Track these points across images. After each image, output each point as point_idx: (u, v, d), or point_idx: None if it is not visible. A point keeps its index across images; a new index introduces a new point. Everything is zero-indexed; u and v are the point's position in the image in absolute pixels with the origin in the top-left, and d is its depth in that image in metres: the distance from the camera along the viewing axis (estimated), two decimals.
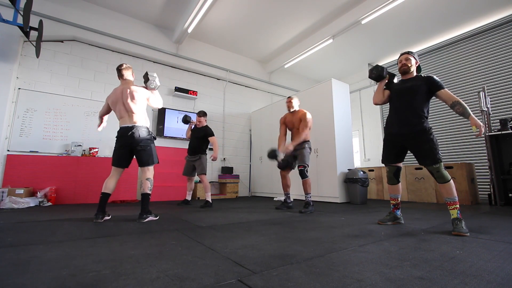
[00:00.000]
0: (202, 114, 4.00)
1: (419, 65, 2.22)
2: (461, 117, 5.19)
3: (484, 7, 4.62)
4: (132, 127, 2.43)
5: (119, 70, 2.55)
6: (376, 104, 2.36)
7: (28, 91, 4.07)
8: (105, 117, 2.72)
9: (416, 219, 2.44)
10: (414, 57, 2.18)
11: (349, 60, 6.75)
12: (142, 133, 2.45)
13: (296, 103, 3.44)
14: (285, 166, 3.32)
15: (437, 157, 1.92)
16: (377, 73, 2.30)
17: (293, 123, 3.38)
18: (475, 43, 5.19)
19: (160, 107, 2.77)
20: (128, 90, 2.47)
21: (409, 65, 2.15)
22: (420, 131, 2.01)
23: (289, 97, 3.51)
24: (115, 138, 2.52)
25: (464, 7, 4.63)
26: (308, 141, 3.30)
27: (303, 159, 3.16)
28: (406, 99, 2.10)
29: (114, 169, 2.49)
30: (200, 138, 3.90)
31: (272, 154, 3.16)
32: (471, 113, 1.90)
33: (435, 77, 2.05)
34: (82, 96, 4.53)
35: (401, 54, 2.23)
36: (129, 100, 2.45)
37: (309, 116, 3.29)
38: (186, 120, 4.01)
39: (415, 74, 2.19)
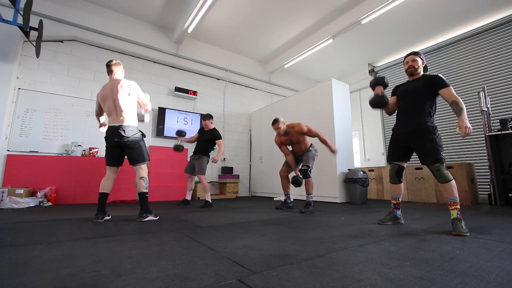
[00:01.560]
0: (207, 117, 3.95)
1: (425, 65, 2.20)
2: (467, 112, 5.23)
3: (484, 7, 4.62)
4: (119, 127, 2.37)
5: (109, 65, 2.49)
6: (390, 115, 2.36)
7: (28, 91, 4.07)
8: (102, 118, 2.69)
9: (416, 219, 2.44)
10: (421, 57, 2.16)
11: (349, 60, 6.75)
12: (129, 132, 2.40)
13: (283, 125, 3.23)
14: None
15: (438, 157, 1.91)
16: (378, 104, 2.21)
17: (291, 140, 3.27)
18: (475, 43, 5.19)
19: (149, 108, 2.69)
20: (119, 86, 2.40)
21: (416, 66, 2.13)
22: (424, 129, 2.01)
23: (273, 123, 3.23)
24: (104, 139, 2.47)
25: (464, 7, 4.63)
26: (312, 145, 3.35)
27: (308, 160, 3.18)
28: (410, 100, 2.11)
29: (108, 168, 2.47)
30: (208, 140, 3.89)
31: (298, 182, 3.12)
32: (463, 113, 1.85)
33: (440, 75, 2.02)
34: (82, 96, 4.53)
35: (407, 55, 2.21)
36: (119, 96, 2.38)
37: (305, 126, 3.18)
38: (178, 149, 3.78)
39: (421, 74, 2.17)
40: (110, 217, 2.48)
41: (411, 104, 2.10)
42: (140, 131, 2.53)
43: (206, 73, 6.00)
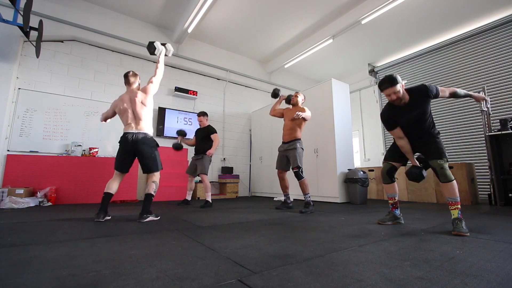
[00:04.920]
0: (201, 114, 4.02)
1: (403, 85, 2.01)
2: (460, 117, 5.25)
3: (484, 7, 4.62)
4: (138, 134, 2.46)
5: (127, 77, 2.60)
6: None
7: (28, 91, 4.07)
8: (108, 121, 2.78)
9: (416, 219, 2.44)
10: (398, 82, 1.93)
11: (349, 60, 6.75)
12: (146, 140, 2.49)
13: (301, 100, 3.45)
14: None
15: (443, 153, 1.95)
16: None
17: (289, 116, 3.39)
18: (475, 43, 5.19)
19: (161, 77, 2.75)
20: (136, 98, 2.51)
21: (400, 96, 1.96)
22: (428, 134, 2.07)
23: (296, 92, 3.52)
24: (118, 143, 2.54)
25: (464, 7, 4.63)
26: (299, 139, 3.29)
27: (296, 160, 3.16)
28: (417, 127, 2.08)
29: (116, 173, 2.53)
30: (204, 137, 3.92)
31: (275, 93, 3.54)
32: (466, 92, 2.12)
33: (427, 87, 1.96)
34: (82, 96, 4.53)
35: (382, 89, 1.98)
36: (139, 108, 2.50)
37: (309, 112, 3.27)
38: (177, 147, 3.84)
39: (407, 97, 2.00)
40: (110, 217, 2.49)
41: (417, 129, 2.08)
42: (154, 140, 2.60)
43: (206, 73, 6.00)
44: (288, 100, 3.48)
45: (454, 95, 2.09)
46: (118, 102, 2.58)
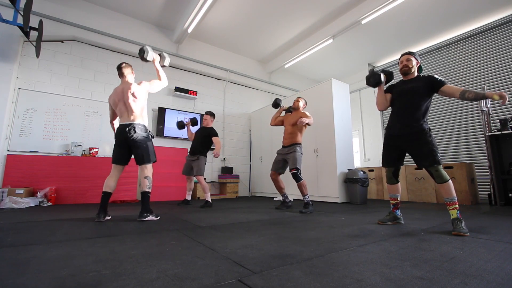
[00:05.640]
0: (210, 113, 4.06)
1: (420, 65, 2.22)
2: (460, 117, 5.25)
3: (484, 7, 4.62)
4: (129, 124, 2.46)
5: (120, 68, 2.59)
6: (381, 110, 2.35)
7: (28, 91, 4.07)
8: (116, 123, 2.73)
9: (416, 219, 2.44)
10: (415, 58, 2.19)
11: (349, 60, 6.75)
12: (139, 130, 2.48)
13: (302, 105, 3.44)
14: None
15: (436, 159, 1.92)
16: (374, 81, 2.26)
17: (289, 121, 3.39)
18: (475, 43, 5.19)
19: (166, 84, 2.77)
20: (129, 90, 2.51)
21: (410, 66, 2.15)
22: (419, 132, 2.02)
23: (298, 97, 3.52)
24: (114, 137, 2.56)
25: (464, 7, 4.63)
26: (300, 144, 3.30)
27: (295, 162, 3.16)
28: (407, 100, 2.11)
29: (114, 167, 2.52)
30: (204, 137, 3.91)
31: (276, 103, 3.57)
32: (483, 92, 1.94)
33: (435, 75, 2.06)
34: (82, 96, 4.53)
35: (402, 55, 2.24)
36: (130, 100, 2.49)
37: (311, 117, 3.27)
38: (181, 125, 3.97)
39: (416, 74, 2.19)
40: (110, 217, 2.48)
41: (407, 104, 2.10)
42: (149, 131, 2.60)
43: (206, 73, 6.00)
44: (289, 111, 3.51)
45: (465, 92, 1.91)
46: (112, 94, 2.59)
